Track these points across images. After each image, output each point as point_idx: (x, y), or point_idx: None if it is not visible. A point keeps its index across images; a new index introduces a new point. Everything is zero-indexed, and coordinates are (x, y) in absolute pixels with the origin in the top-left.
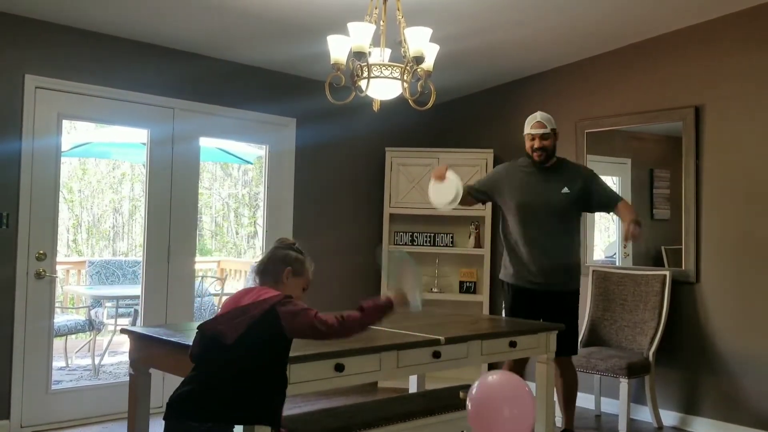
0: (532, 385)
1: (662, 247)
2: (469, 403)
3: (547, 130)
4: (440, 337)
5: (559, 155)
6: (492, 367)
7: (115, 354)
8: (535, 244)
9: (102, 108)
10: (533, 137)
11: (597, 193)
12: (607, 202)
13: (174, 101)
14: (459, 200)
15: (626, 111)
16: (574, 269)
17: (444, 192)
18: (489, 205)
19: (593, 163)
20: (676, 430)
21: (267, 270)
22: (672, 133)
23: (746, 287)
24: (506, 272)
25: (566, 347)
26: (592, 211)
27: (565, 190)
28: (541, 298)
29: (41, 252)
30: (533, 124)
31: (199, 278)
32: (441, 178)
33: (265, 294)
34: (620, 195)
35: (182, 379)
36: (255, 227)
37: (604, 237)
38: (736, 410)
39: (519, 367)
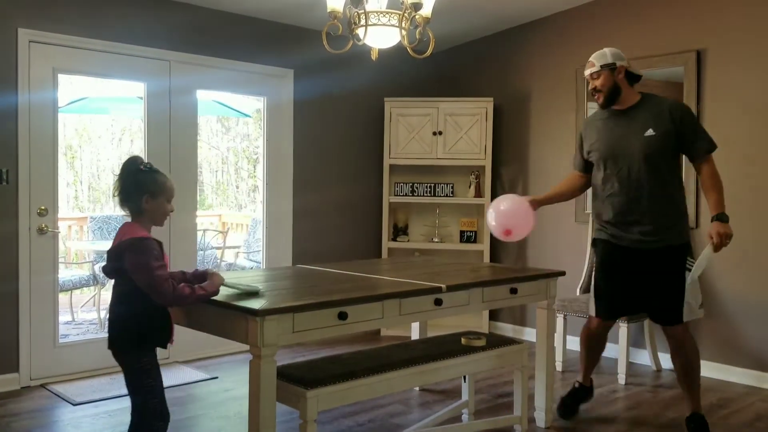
0: (530, 331)
1: None
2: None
3: (596, 68)
4: (442, 285)
5: (640, 92)
6: (493, 313)
7: None
8: (624, 201)
9: (98, 61)
10: (588, 80)
11: (688, 135)
12: (696, 152)
13: (170, 53)
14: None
15: (627, 56)
16: (673, 223)
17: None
18: (488, 153)
19: (594, 110)
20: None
21: (126, 202)
22: (673, 78)
23: (745, 232)
24: (597, 228)
25: (670, 314)
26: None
27: (650, 132)
28: (637, 257)
29: (42, 207)
30: (587, 64)
31: (201, 232)
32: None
33: (126, 235)
34: (711, 146)
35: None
36: (255, 181)
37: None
38: (734, 352)
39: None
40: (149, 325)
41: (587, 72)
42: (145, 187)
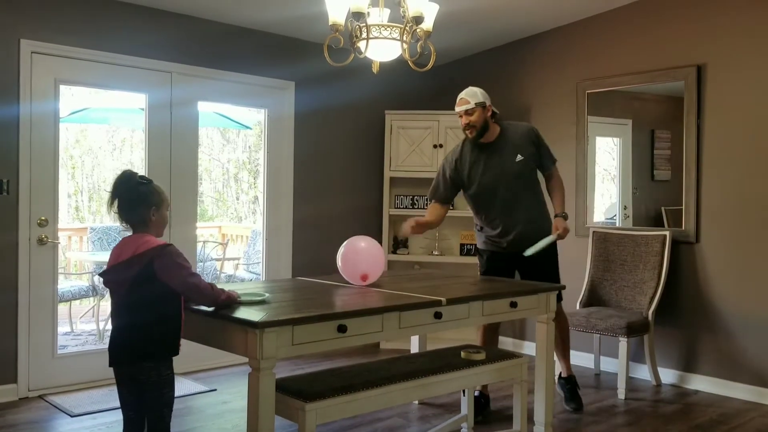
0: (529, 345)
1: (662, 208)
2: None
3: (471, 105)
4: (441, 298)
5: (511, 120)
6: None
7: None
8: (503, 217)
9: (100, 73)
10: (460, 115)
11: (543, 153)
12: (547, 165)
13: (172, 65)
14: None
15: (627, 71)
16: (543, 226)
17: None
18: None
19: (594, 124)
20: (675, 388)
21: (133, 217)
22: (673, 93)
23: (745, 247)
24: (481, 240)
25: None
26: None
27: (519, 157)
28: (516, 261)
29: (43, 218)
30: (457, 103)
31: (201, 243)
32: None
33: (144, 245)
34: (555, 159)
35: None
36: (256, 192)
37: (605, 199)
38: (733, 368)
39: (492, 331)
40: (173, 332)
41: (461, 108)
42: (150, 200)
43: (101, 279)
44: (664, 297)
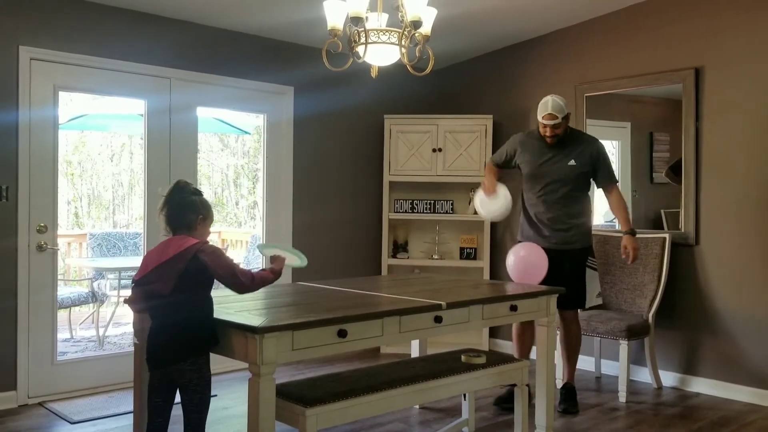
0: (533, 348)
1: (662, 211)
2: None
3: (559, 120)
4: (442, 302)
5: (571, 127)
6: (493, 331)
7: (119, 325)
8: (545, 210)
9: (98, 79)
10: (545, 126)
11: (600, 171)
12: (604, 183)
13: (170, 71)
14: (508, 212)
15: (626, 74)
16: (581, 231)
17: (493, 204)
18: None
19: (593, 127)
20: (676, 390)
21: (180, 222)
22: (672, 95)
23: (745, 249)
24: (522, 234)
25: (573, 302)
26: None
27: (572, 162)
28: (552, 255)
29: (42, 225)
30: (545, 116)
31: None
32: (491, 192)
33: (185, 243)
34: (616, 179)
35: None
36: (255, 197)
37: (605, 201)
38: (734, 370)
39: (529, 330)
40: (213, 325)
41: (549, 122)
42: (199, 209)
43: (136, 287)
44: (664, 299)
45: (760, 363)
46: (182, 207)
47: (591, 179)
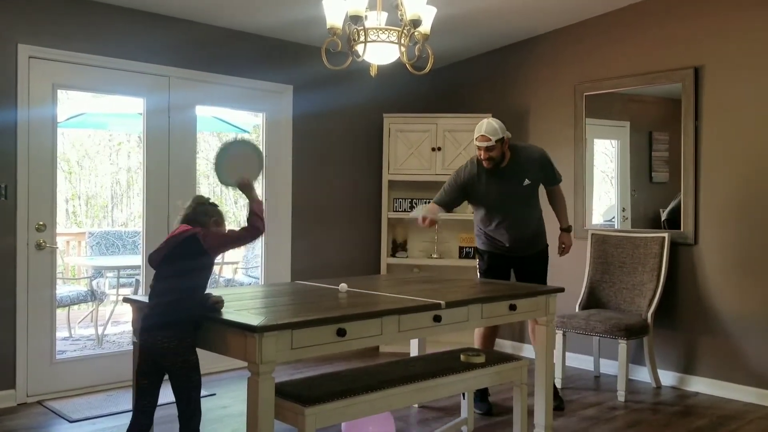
0: (529, 347)
1: (661, 210)
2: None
3: (492, 143)
4: (441, 302)
5: (514, 144)
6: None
7: (118, 324)
8: (505, 229)
9: (97, 77)
10: (479, 149)
11: (548, 175)
12: (552, 185)
13: (169, 69)
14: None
15: (625, 73)
16: (540, 235)
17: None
18: None
19: (592, 126)
20: (675, 390)
21: (194, 220)
22: (671, 95)
23: (744, 248)
24: (482, 242)
25: None
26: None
27: (527, 181)
28: (513, 261)
29: (41, 223)
30: (478, 137)
31: None
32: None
33: (192, 229)
34: (560, 178)
35: None
36: None
37: (604, 201)
38: (733, 370)
39: (491, 332)
40: (194, 314)
41: (481, 144)
42: (213, 213)
43: (150, 260)
44: (663, 299)
45: (759, 362)
46: (197, 209)
47: (540, 183)
